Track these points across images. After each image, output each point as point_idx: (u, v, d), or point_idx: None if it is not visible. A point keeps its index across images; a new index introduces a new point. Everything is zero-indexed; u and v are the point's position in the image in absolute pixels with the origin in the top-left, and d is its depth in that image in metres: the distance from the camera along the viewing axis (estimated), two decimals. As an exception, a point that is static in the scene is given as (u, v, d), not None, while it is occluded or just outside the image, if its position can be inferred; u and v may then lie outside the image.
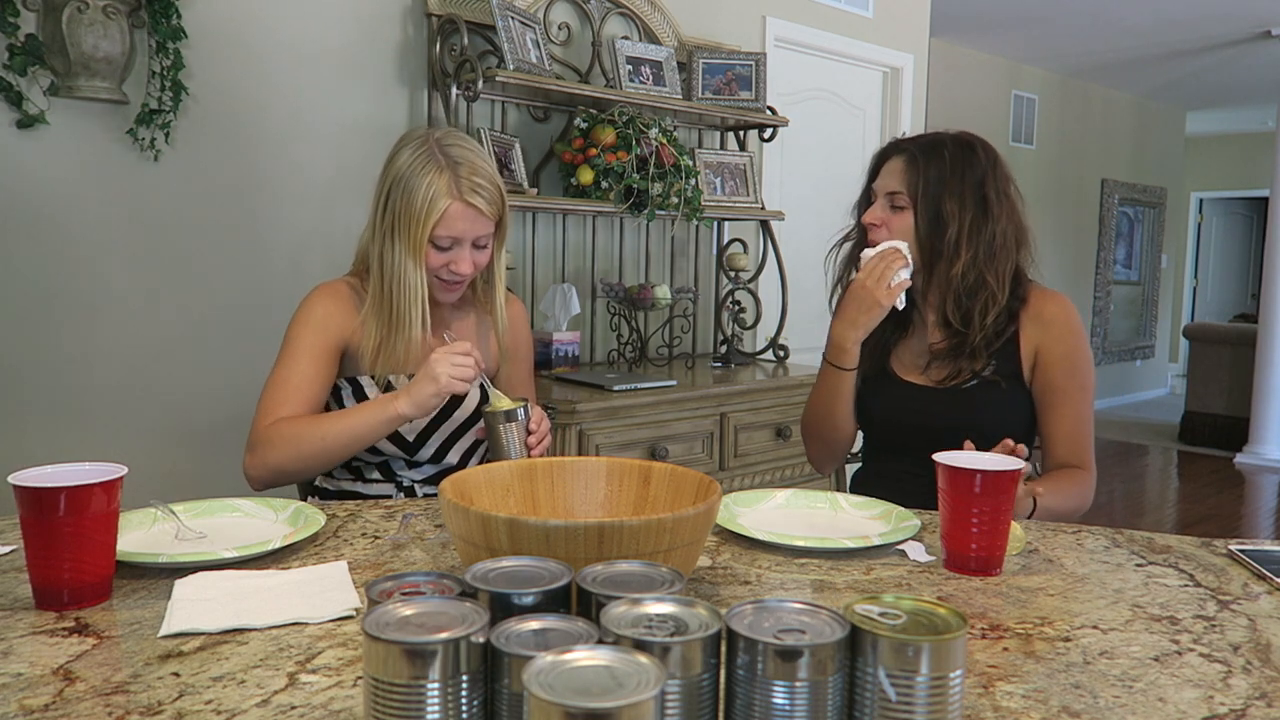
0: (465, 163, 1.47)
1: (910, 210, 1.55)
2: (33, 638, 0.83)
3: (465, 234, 1.48)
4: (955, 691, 0.59)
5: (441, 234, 1.46)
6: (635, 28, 3.11)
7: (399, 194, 1.46)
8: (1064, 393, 1.55)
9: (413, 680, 0.56)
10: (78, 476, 0.90)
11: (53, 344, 2.22)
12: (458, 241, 1.48)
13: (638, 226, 3.18)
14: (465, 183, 1.45)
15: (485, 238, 1.52)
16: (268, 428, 1.44)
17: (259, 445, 1.44)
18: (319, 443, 1.42)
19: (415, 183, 1.45)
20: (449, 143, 1.49)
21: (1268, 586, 1.03)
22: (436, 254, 1.48)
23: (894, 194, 1.57)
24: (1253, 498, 5.34)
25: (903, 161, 1.57)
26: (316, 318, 1.52)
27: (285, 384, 1.48)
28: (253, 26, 2.43)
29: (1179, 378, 8.94)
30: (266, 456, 1.43)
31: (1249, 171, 9.71)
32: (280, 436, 1.42)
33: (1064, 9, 5.48)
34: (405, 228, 1.46)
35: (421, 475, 1.58)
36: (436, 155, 1.46)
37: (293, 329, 1.53)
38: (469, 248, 1.50)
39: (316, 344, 1.50)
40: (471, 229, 1.48)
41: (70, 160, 2.20)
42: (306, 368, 1.49)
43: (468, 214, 1.47)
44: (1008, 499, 1.06)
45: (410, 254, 1.46)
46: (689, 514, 0.87)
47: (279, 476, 1.45)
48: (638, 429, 2.49)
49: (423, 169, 1.45)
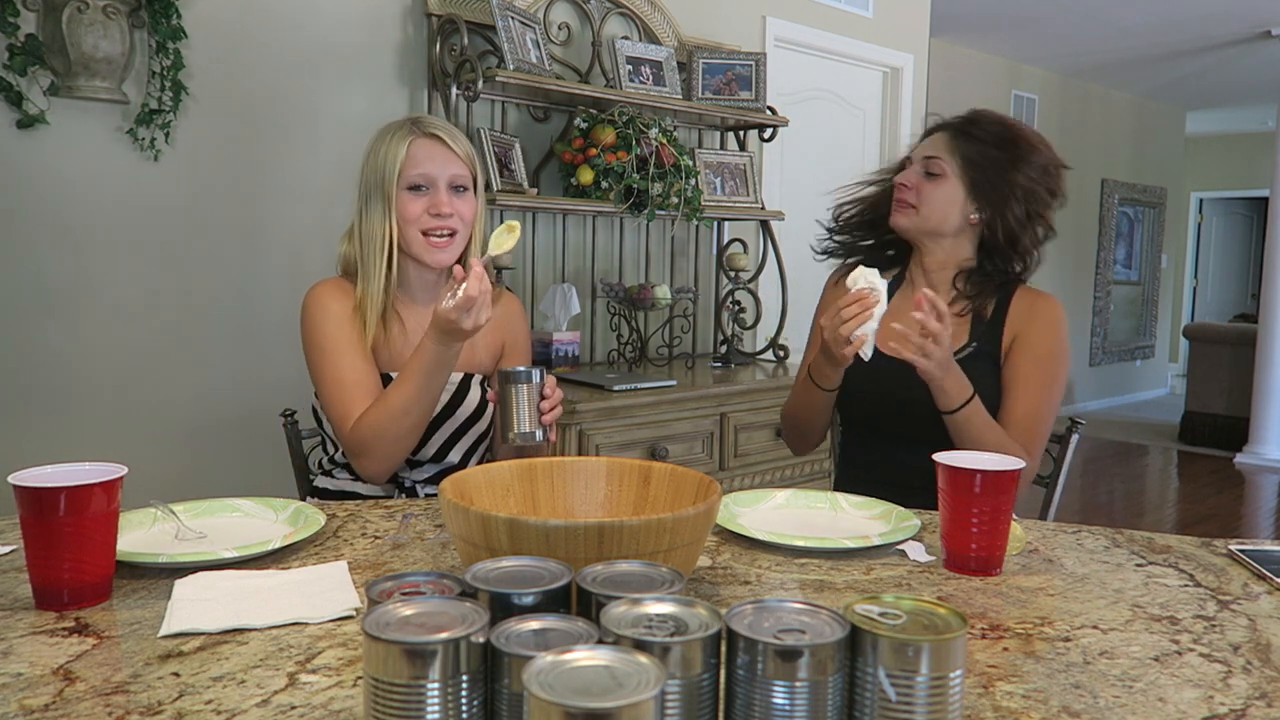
0: (425, 116, 1.54)
1: (948, 179, 1.58)
2: (33, 638, 0.83)
3: (436, 170, 1.49)
4: (955, 691, 0.59)
5: (411, 172, 1.48)
6: (635, 28, 3.11)
7: (367, 165, 1.51)
8: (1026, 382, 1.55)
9: (413, 680, 0.56)
10: (78, 476, 0.90)
11: (53, 344, 2.22)
12: (431, 180, 1.49)
13: (638, 226, 3.18)
14: (425, 123, 1.52)
15: (461, 179, 1.51)
16: (351, 433, 1.44)
17: (357, 452, 1.45)
18: (402, 420, 1.41)
19: (377, 144, 1.52)
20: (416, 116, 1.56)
21: (1268, 586, 1.03)
22: (413, 200, 1.49)
23: (931, 158, 1.59)
24: (1253, 498, 5.34)
25: (946, 134, 1.61)
26: (334, 312, 1.51)
27: (343, 385, 1.47)
28: (253, 26, 2.43)
29: (1179, 378, 8.94)
30: (372, 457, 1.44)
31: (1249, 171, 9.71)
32: (367, 436, 1.42)
33: (1064, 9, 5.48)
34: (377, 189, 1.49)
35: (423, 475, 1.58)
36: (393, 122, 1.54)
37: (317, 331, 1.50)
38: (446, 190, 1.50)
39: (351, 336, 1.50)
40: (442, 167, 1.49)
41: (70, 160, 2.20)
42: (354, 360, 1.48)
43: (432, 147, 1.49)
44: (1008, 499, 1.06)
45: (384, 208, 1.48)
46: (689, 514, 0.87)
47: (393, 464, 1.46)
48: (638, 429, 2.49)
49: (382, 134, 1.53)
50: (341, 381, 1.47)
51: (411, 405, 1.40)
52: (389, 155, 1.48)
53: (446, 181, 1.50)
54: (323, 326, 1.49)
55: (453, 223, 1.50)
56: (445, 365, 1.39)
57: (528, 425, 1.36)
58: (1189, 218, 10.24)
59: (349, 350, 1.48)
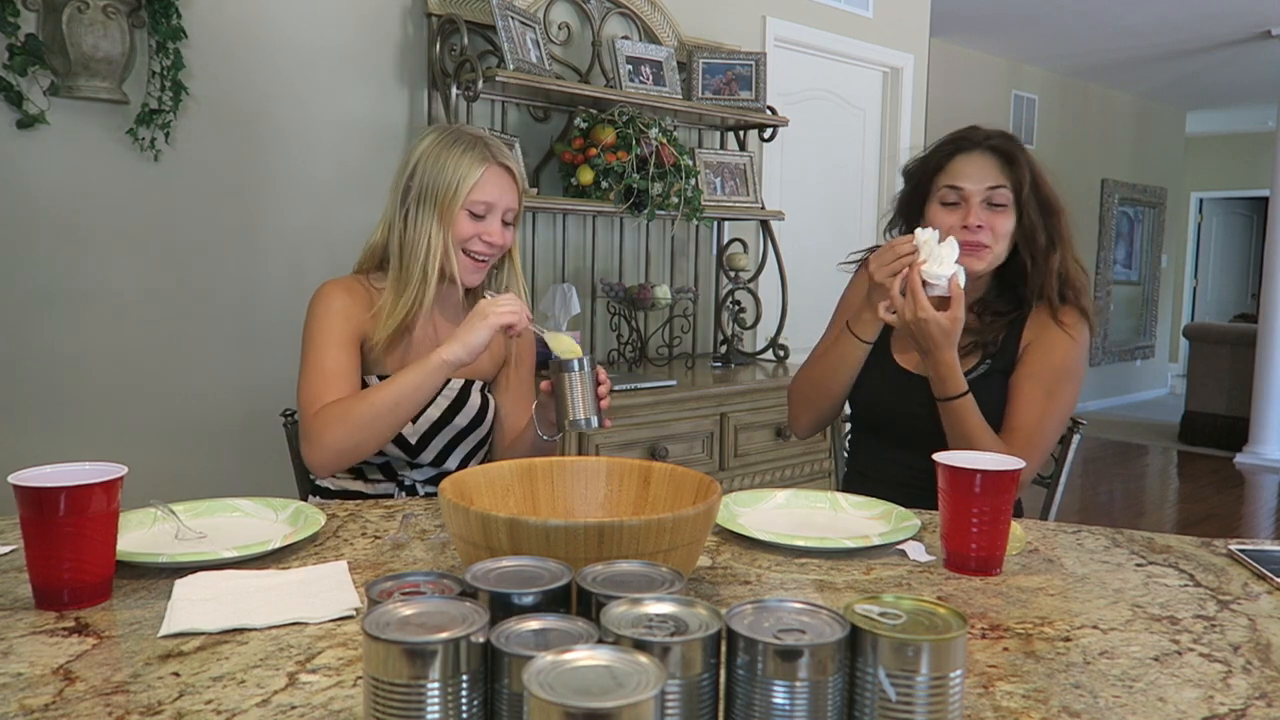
0: (491, 139, 1.55)
1: (1010, 209, 1.49)
2: (33, 638, 0.83)
3: (499, 200, 1.52)
4: (955, 691, 0.59)
5: (477, 199, 1.50)
6: (635, 28, 3.11)
7: (427, 170, 1.50)
8: (1030, 390, 1.50)
9: (413, 680, 0.56)
10: (78, 476, 0.90)
11: (53, 344, 2.22)
12: (491, 209, 1.52)
13: (638, 226, 3.18)
14: (497, 150, 1.53)
15: (512, 213, 1.56)
16: (315, 415, 1.43)
17: (312, 433, 1.42)
18: (369, 411, 1.40)
19: (445, 156, 1.50)
20: (467, 127, 1.58)
21: (1268, 586, 1.03)
22: (469, 223, 1.51)
23: (995, 188, 1.49)
24: (1253, 498, 5.34)
25: (994, 157, 1.50)
26: (335, 309, 1.51)
27: (322, 372, 1.47)
28: (253, 26, 2.43)
29: (1179, 378, 8.94)
30: (323, 439, 1.41)
31: (1249, 171, 9.71)
32: (331, 417, 1.41)
33: (1064, 9, 5.48)
34: (433, 199, 1.49)
35: (424, 475, 1.58)
36: (462, 134, 1.54)
37: (313, 323, 1.51)
38: (499, 219, 1.53)
39: (344, 332, 1.50)
40: (505, 197, 1.53)
41: (70, 160, 2.20)
42: (338, 354, 1.48)
43: (502, 178, 1.52)
44: (1008, 499, 1.06)
45: (438, 221, 1.49)
46: (689, 514, 0.87)
47: (339, 458, 1.43)
48: (638, 429, 2.49)
49: (451, 144, 1.52)
50: (322, 369, 1.47)
51: (384, 404, 1.40)
52: (459, 175, 1.49)
53: (502, 211, 1.53)
54: (321, 321, 1.51)
55: (497, 251, 1.54)
56: (441, 377, 1.41)
57: (584, 412, 1.36)
58: (1189, 218, 10.24)
59: (337, 344, 1.49)
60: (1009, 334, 1.55)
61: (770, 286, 3.39)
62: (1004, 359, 1.55)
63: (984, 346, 1.55)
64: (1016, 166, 1.49)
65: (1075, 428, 1.70)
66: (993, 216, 1.49)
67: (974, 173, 1.50)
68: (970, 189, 1.49)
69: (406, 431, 1.52)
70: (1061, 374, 1.51)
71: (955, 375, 1.42)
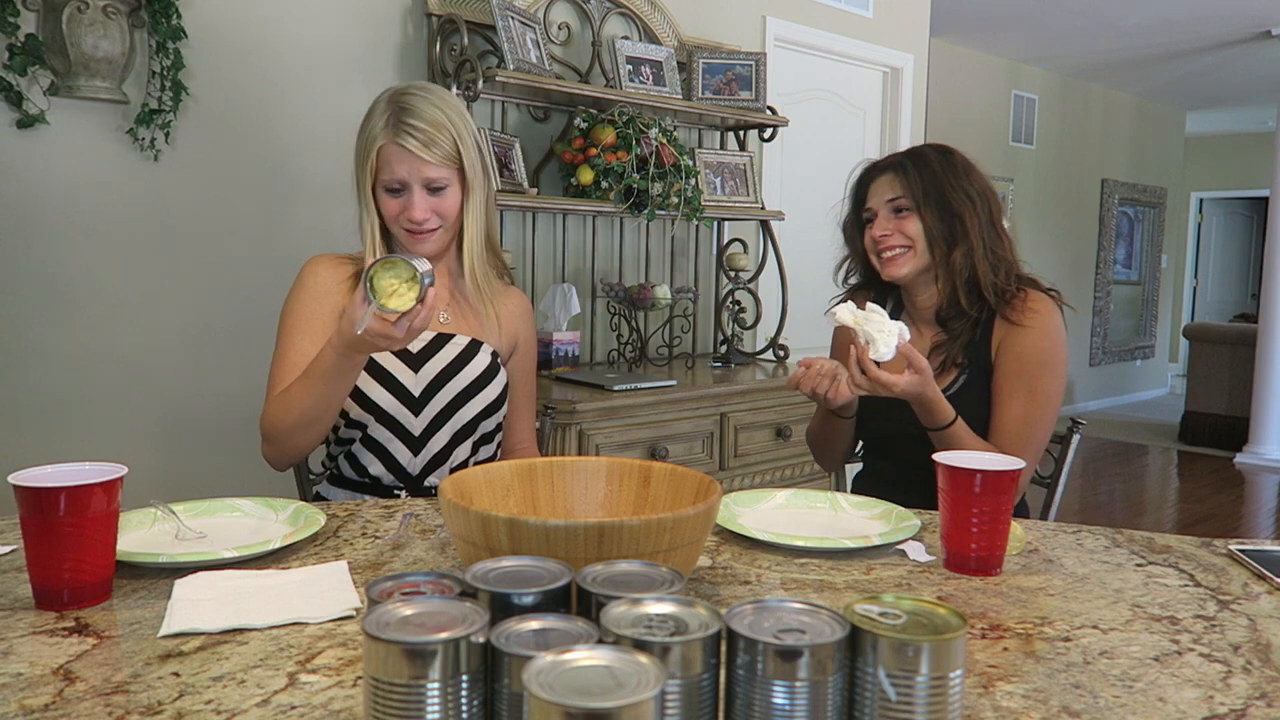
0: (408, 108, 1.45)
1: (914, 212, 1.60)
2: (33, 638, 0.83)
3: (408, 176, 1.45)
4: (955, 691, 0.59)
5: (385, 178, 1.46)
6: (635, 28, 3.11)
7: (356, 152, 1.49)
8: (1011, 389, 1.54)
9: (413, 680, 0.56)
10: (78, 476, 0.90)
11: (53, 343, 2.22)
12: (405, 185, 1.46)
13: (638, 226, 3.18)
14: (400, 125, 1.43)
15: (438, 181, 1.46)
16: (262, 418, 1.44)
17: (263, 437, 1.44)
18: (294, 405, 1.38)
19: (361, 132, 1.49)
20: (405, 89, 1.49)
21: (1268, 586, 1.03)
22: (391, 200, 1.48)
23: (894, 199, 1.61)
24: (1253, 498, 5.34)
25: (891, 174, 1.63)
26: (308, 289, 1.52)
27: (283, 361, 1.48)
28: (253, 26, 2.43)
29: (1179, 378, 8.95)
30: (268, 433, 1.43)
31: (1249, 171, 9.71)
32: (273, 411, 1.42)
33: (1064, 9, 5.48)
34: (357, 180, 1.49)
35: (426, 459, 1.54)
36: (384, 101, 1.48)
37: (286, 305, 1.53)
38: (420, 192, 1.46)
39: (311, 315, 1.50)
40: (414, 171, 1.45)
41: (70, 160, 2.20)
42: (300, 342, 1.48)
43: (402, 155, 1.44)
44: (1008, 499, 1.06)
45: (366, 203, 1.48)
46: (689, 514, 0.87)
47: (285, 452, 1.43)
48: (638, 429, 2.49)
49: (367, 117, 1.49)
50: (284, 358, 1.48)
51: (302, 400, 1.37)
52: (365, 150, 1.46)
53: (421, 184, 1.46)
54: (294, 302, 1.51)
55: (429, 224, 1.48)
56: (344, 366, 1.33)
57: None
58: (1189, 218, 10.24)
59: (299, 331, 1.49)
60: (980, 337, 1.60)
61: (770, 286, 3.39)
62: (980, 365, 1.59)
63: (955, 357, 1.60)
64: (908, 175, 1.60)
65: (1075, 428, 1.70)
66: (900, 223, 1.60)
67: (877, 191, 1.65)
68: (875, 206, 1.64)
69: (409, 382, 1.50)
70: (1036, 367, 1.54)
71: (940, 406, 1.47)
